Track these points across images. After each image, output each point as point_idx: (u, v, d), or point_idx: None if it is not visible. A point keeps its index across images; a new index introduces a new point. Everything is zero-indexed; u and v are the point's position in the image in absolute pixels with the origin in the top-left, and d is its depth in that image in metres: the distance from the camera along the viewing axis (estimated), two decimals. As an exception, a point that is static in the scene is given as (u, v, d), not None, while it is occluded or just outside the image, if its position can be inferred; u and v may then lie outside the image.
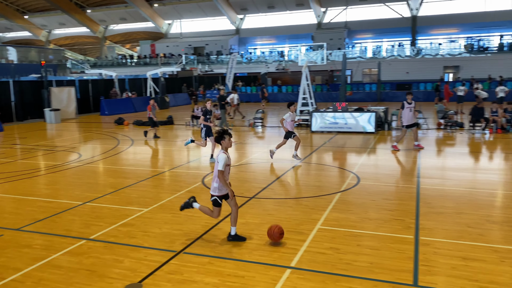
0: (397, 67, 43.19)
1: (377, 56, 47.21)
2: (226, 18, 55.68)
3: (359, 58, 46.44)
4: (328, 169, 10.83)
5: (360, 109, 17.86)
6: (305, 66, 20.57)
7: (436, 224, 6.48)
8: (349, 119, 17.07)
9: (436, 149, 13.47)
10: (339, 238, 6.04)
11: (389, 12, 50.45)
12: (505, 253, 5.37)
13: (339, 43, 49.42)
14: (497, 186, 8.82)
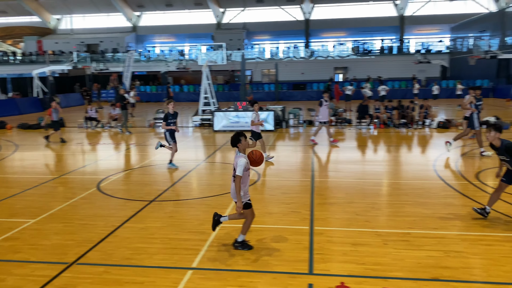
0: (293, 68, 45.36)
1: (275, 57, 49.03)
2: (122, 15, 53.27)
3: (258, 59, 47.74)
4: (230, 167, 10.96)
5: (259, 108, 18.37)
6: (205, 65, 20.55)
7: (329, 214, 6.95)
8: (250, 118, 17.44)
9: (328, 144, 14.42)
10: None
11: (285, 15, 52.71)
12: (387, 236, 5.94)
13: (239, 43, 50.31)
14: (381, 176, 9.73)
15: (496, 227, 6.17)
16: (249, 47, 52.80)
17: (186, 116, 24.16)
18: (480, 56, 27.37)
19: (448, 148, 11.72)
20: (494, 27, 41.09)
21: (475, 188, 8.31)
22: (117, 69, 35.54)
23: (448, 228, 6.19)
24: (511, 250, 5.37)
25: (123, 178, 10.02)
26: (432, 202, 7.50)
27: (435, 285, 4.56)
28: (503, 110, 23.63)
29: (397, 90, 35.78)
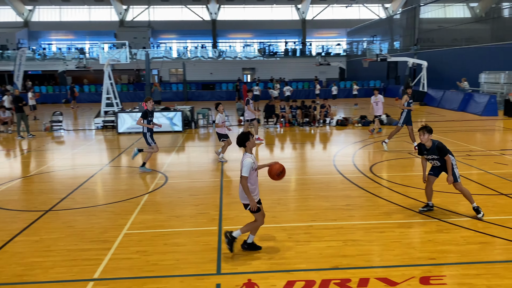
0: (201, 68, 45.16)
1: (183, 57, 48.38)
2: (11, 9, 48.43)
3: (164, 58, 46.70)
4: (136, 171, 10.55)
5: (167, 109, 18.00)
6: (107, 64, 19.53)
7: (237, 212, 7.03)
8: (155, 119, 16.97)
9: (237, 144, 14.61)
10: (146, 240, 5.95)
11: (191, 15, 52.27)
12: (292, 230, 6.19)
13: (144, 42, 48.73)
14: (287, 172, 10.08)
15: (388, 216, 6.76)
16: (154, 46, 51.41)
17: (88, 118, 22.76)
18: (372, 59, 29.83)
19: (385, 147, 12.21)
20: (384, 32, 45.10)
21: (369, 180, 9.02)
22: (6, 68, 32.24)
23: (346, 219, 6.63)
24: (400, 235, 5.92)
25: (15, 187, 9.12)
26: (332, 195, 7.99)
27: (335, 273, 4.85)
28: (394, 108, 26.02)
29: (301, 91, 37.51)
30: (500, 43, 26.00)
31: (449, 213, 6.79)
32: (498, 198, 7.49)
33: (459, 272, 4.82)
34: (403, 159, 11.12)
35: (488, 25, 29.16)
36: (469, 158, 10.93)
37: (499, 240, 5.68)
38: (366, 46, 44.00)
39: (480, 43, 28.52)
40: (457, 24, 32.82)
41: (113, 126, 17.87)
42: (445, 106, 24.86)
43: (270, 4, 51.77)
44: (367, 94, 37.27)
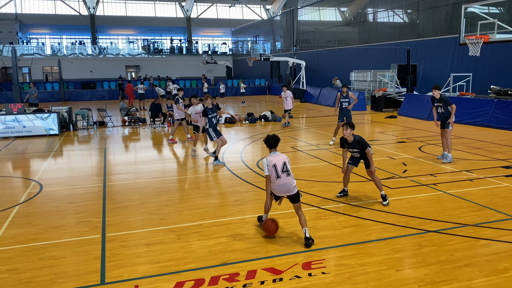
0: (80, 65, 42.06)
1: (58, 53, 44.52)
2: None
3: (36, 54, 42.48)
4: (5, 180, 9.42)
5: (40, 110, 16.39)
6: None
7: (122, 218, 6.71)
8: (27, 122, 15.37)
9: (122, 145, 13.95)
10: (18, 256, 5.36)
11: (66, 8, 48.33)
12: (180, 231, 6.12)
13: (10, 36, 43.67)
14: (175, 173, 9.97)
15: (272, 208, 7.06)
16: (23, 41, 46.39)
17: None
18: (256, 58, 30.90)
19: (331, 143, 12.70)
20: (266, 33, 47.03)
21: (256, 175, 9.34)
22: None
23: (235, 214, 6.78)
24: (283, 225, 6.22)
25: None
26: (221, 192, 8.10)
27: (224, 269, 4.92)
28: (277, 105, 27.33)
29: (188, 89, 37.24)
30: (366, 44, 29.01)
31: (327, 200, 7.36)
32: (367, 184, 8.34)
33: (336, 255, 5.26)
34: (286, 153, 11.72)
35: (356, 29, 32.28)
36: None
37: (368, 222, 6.33)
38: (250, 45, 45.40)
39: (350, 45, 31.48)
40: (330, 26, 35.72)
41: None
42: (322, 103, 26.91)
43: (153, 0, 50.35)
44: (254, 92, 38.62)
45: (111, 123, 18.42)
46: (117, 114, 21.61)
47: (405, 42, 24.82)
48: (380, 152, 11.46)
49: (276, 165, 5.70)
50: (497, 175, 8.78)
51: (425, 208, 6.86)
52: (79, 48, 46.14)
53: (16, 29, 45.01)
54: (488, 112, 15.62)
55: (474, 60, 16.46)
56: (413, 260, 5.08)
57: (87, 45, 47.89)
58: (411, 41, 24.49)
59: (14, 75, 19.93)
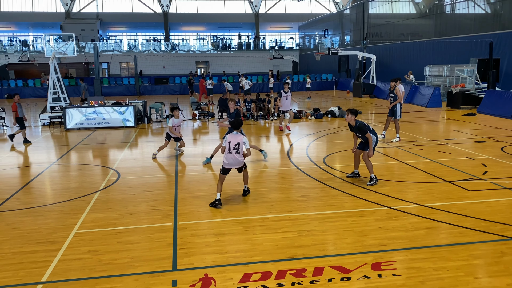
0: (154, 61, 44.16)
1: (134, 49, 47.07)
2: None
3: (115, 51, 45.25)
4: (86, 168, 10.17)
5: (118, 103, 17.45)
6: (52, 57, 18.61)
7: (192, 207, 6.96)
8: (107, 114, 16.45)
9: (192, 138, 14.44)
10: (98, 239, 5.76)
11: (142, 7, 50.88)
12: (247, 223, 6.21)
13: (92, 34, 46.91)
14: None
15: (340, 205, 6.95)
16: (103, 38, 49.62)
17: (34, 114, 21.62)
18: (324, 53, 30.40)
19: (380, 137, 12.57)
20: (335, 26, 46.07)
21: (322, 171, 9.21)
22: None
23: (301, 210, 6.75)
24: (352, 224, 6.10)
25: (-50, 189, 8.50)
26: (286, 187, 8.10)
27: (291, 263, 4.92)
28: (344, 101, 26.74)
29: (255, 84, 37.61)
30: (443, 37, 27.35)
31: (398, 200, 7.07)
32: (442, 185, 7.89)
33: (407, 257, 5.04)
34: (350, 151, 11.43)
35: (431, 21, 30.54)
36: (416, 147, 11.44)
37: (443, 225, 5.99)
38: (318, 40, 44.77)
39: (425, 38, 29.86)
40: (403, 19, 34.13)
41: (60, 122, 17.10)
42: (394, 98, 25.78)
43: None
44: (320, 87, 38.11)
45: (182, 116, 19.11)
46: (188, 108, 22.42)
47: (487, 34, 23.04)
48: (457, 152, 10.78)
49: (231, 142, 6.99)
50: None
51: (508, 213, 6.34)
52: (153, 45, 48.40)
53: (97, 27, 48.23)
54: None
55: None
56: (494, 268, 4.72)
57: (160, 41, 50.09)
58: (494, 33, 22.67)
59: (96, 71, 21.40)
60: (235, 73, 39.90)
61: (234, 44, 51.59)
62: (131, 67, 45.69)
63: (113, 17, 49.93)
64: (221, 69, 43.48)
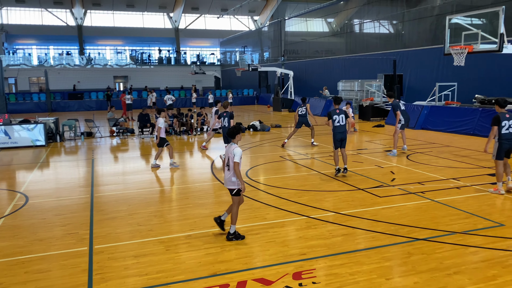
0: (67, 76, 41.80)
1: (45, 64, 44.17)
2: None
3: (22, 65, 42.10)
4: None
5: (26, 121, 16.18)
6: None
7: (110, 229, 6.62)
8: (13, 133, 15.15)
9: (110, 155, 13.81)
10: (2, 270, 5.23)
11: (53, 19, 48.08)
12: (170, 242, 6.05)
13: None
14: (164, 183, 9.88)
15: (262, 217, 7.06)
16: (9, 51, 45.94)
17: None
18: (244, 69, 31.02)
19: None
20: (254, 43, 47.33)
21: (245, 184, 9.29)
22: None
23: (225, 224, 6.72)
24: (273, 235, 6.21)
25: None
26: (210, 202, 8.05)
27: (214, 280, 4.87)
28: (265, 115, 27.42)
29: (177, 99, 37.17)
30: (353, 55, 29.36)
31: (317, 209, 7.36)
32: (356, 193, 8.38)
33: (326, 264, 5.24)
34: (275, 163, 11.75)
35: (343, 39, 32.65)
36: (331, 158, 12.04)
37: (358, 231, 6.34)
38: (238, 56, 45.58)
39: (337, 55, 31.82)
40: (317, 37, 36.09)
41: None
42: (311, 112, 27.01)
43: (141, 11, 50.37)
44: (242, 102, 38.73)
45: (99, 133, 18.26)
46: (105, 125, 21.45)
47: (391, 52, 25.17)
48: (368, 161, 11.54)
49: (224, 157, 6.29)
50: (483, 183, 8.88)
51: (413, 216, 6.90)
52: (66, 59, 45.82)
53: (2, 39, 44.56)
54: (474, 120, 15.87)
55: (459, 69, 16.75)
56: (403, 268, 5.09)
57: (74, 55, 47.59)
58: (397, 51, 24.85)
59: (0, 86, 19.69)
60: (157, 88, 39.10)
61: (154, 58, 50.62)
62: (41, 82, 42.73)
63: (20, 29, 46.50)
64: (141, 83, 42.36)
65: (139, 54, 49.71)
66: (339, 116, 9.74)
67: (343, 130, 9.75)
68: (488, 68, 18.45)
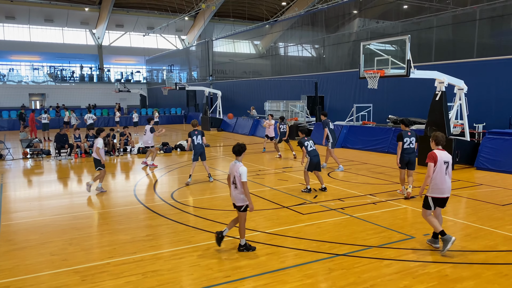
0: (-26, 92, 38.28)
1: None
2: None
3: None
4: None
5: None
6: None
7: (18, 261, 6.06)
8: None
9: (23, 180, 12.77)
10: None
11: (-42, 30, 44.03)
12: (86, 271, 5.67)
13: None
14: (82, 208, 9.30)
15: (187, 241, 6.90)
16: None
17: None
18: (171, 87, 30.65)
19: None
20: (182, 62, 47.11)
21: (170, 207, 9.08)
22: None
23: (146, 250, 6.48)
24: (198, 259, 6.09)
25: None
26: (132, 226, 7.71)
27: (133, 309, 4.64)
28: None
29: (99, 118, 35.64)
30: (278, 76, 30.35)
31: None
32: (281, 211, 8.54)
33: (251, 285, 5.23)
34: (201, 183, 11.62)
35: (269, 61, 33.67)
36: (258, 177, 12.21)
37: (282, 249, 6.44)
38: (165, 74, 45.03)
39: (264, 76, 32.70)
40: (245, 58, 36.85)
41: None
42: (239, 131, 27.36)
43: (61, 26, 47.95)
44: (170, 121, 38.10)
45: (9, 155, 16.84)
46: (18, 146, 19.86)
47: (313, 75, 26.42)
48: (293, 179, 11.85)
49: (230, 176, 6.28)
50: (396, 198, 9.52)
51: (334, 232, 7.17)
52: (-27, 74, 42.05)
53: None
54: (387, 139, 17.06)
55: (374, 92, 18.00)
56: (324, 284, 5.24)
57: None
58: (319, 74, 26.15)
59: None
60: (77, 106, 37.19)
61: (76, 75, 48.19)
62: None
63: None
64: (60, 101, 40.09)
65: (58, 70, 47.07)
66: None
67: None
68: (400, 91, 20.05)
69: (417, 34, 20.64)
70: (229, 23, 46.72)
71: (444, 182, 6.18)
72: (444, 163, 6.19)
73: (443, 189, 6.20)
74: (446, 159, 6.22)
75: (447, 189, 6.24)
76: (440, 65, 17.22)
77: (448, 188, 6.25)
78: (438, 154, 6.20)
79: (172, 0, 44.91)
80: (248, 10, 45.81)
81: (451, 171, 6.31)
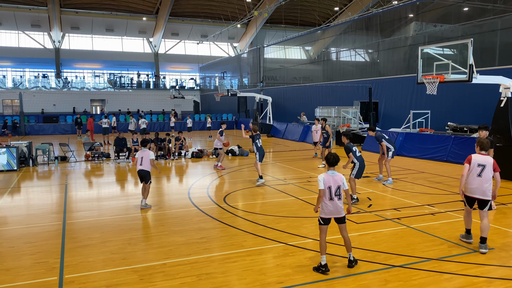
0: (42, 98, 41.14)
1: (20, 86, 43.45)
2: None
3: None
4: (-48, 220, 8.84)
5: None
6: None
7: (81, 258, 6.40)
8: (-17, 157, 14.67)
9: (84, 181, 13.50)
10: (-36, 303, 4.97)
11: (30, 41, 47.59)
12: (144, 271, 5.89)
13: (-31, 68, 42.30)
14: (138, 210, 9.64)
15: (240, 245, 6.97)
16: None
17: None
18: (223, 94, 31.22)
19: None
20: (234, 69, 47.88)
21: (223, 210, 9.22)
22: None
23: (201, 252, 6.61)
24: (251, 263, 6.13)
25: None
26: (186, 229, 7.91)
27: (188, 310, 4.74)
28: (244, 140, 27.45)
29: (155, 123, 36.99)
30: (330, 82, 29.99)
31: (295, 236, 7.32)
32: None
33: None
34: (254, 188, 11.70)
35: (320, 67, 33.39)
36: (309, 183, 12.10)
37: (336, 258, 6.31)
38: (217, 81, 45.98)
39: (315, 82, 32.44)
40: (296, 64, 36.80)
41: None
42: (288, 137, 27.30)
43: (121, 35, 50.45)
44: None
45: (73, 158, 17.89)
46: (80, 149, 21.05)
47: (367, 80, 25.84)
48: (345, 187, 11.61)
49: (331, 187, 5.83)
50: (457, 209, 9.05)
51: (390, 243, 6.94)
52: (42, 82, 45.18)
53: (-24, 61, 43.75)
54: (447, 147, 16.29)
55: (432, 98, 17.31)
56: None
57: (50, 78, 46.99)
58: (373, 79, 25.53)
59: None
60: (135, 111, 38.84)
61: (133, 82, 50.44)
62: (15, 104, 41.88)
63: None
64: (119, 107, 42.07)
65: (118, 77, 49.49)
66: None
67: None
68: (460, 97, 19.12)
69: (479, 37, 19.61)
70: (281, 29, 46.88)
71: (473, 183, 6.49)
72: (478, 165, 6.46)
73: (471, 189, 6.52)
74: (482, 162, 6.46)
75: (477, 190, 6.48)
76: (505, 70, 16.23)
77: (477, 189, 6.47)
78: (473, 157, 6.53)
79: (225, 8, 45.89)
80: (300, 16, 45.76)
81: (488, 175, 6.44)
